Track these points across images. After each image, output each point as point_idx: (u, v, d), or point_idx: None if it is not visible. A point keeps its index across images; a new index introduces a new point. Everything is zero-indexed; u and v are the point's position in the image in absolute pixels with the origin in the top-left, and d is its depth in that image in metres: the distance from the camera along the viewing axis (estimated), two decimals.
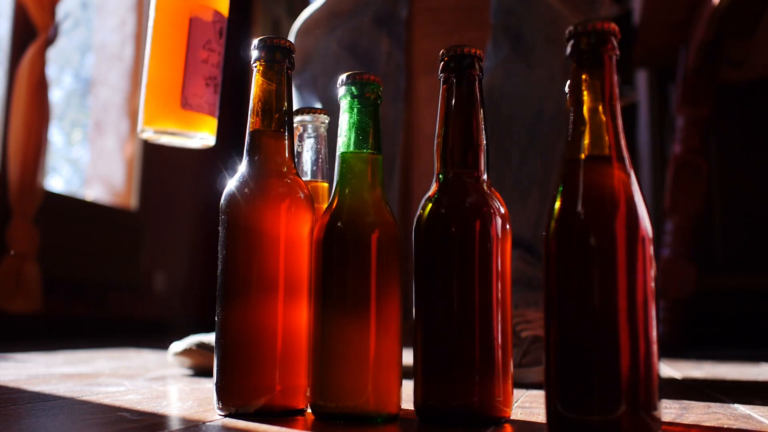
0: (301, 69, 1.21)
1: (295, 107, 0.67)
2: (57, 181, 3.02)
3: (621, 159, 0.48)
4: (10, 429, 0.50)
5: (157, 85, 0.73)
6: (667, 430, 0.54)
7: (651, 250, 0.47)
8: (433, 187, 0.57)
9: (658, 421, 0.46)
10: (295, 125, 0.70)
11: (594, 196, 0.47)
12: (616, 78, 0.49)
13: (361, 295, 0.55)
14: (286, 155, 0.60)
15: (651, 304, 0.46)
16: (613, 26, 0.49)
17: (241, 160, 0.61)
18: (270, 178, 0.59)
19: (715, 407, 0.66)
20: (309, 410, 0.57)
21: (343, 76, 0.60)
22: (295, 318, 0.57)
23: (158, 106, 0.72)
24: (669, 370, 1.15)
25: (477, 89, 0.57)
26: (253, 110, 0.60)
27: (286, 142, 0.61)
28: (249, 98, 0.61)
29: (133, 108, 2.74)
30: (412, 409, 0.56)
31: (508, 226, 0.56)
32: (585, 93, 0.49)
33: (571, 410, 0.45)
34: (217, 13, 0.74)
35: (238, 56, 0.84)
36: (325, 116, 0.70)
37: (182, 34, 0.72)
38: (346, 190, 0.58)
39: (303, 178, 0.66)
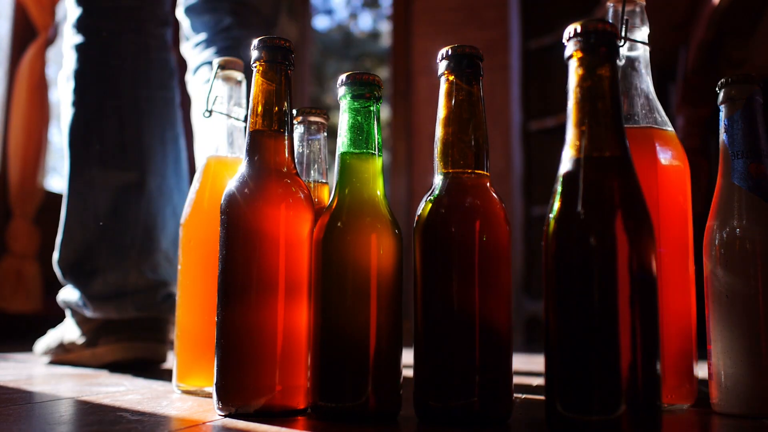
0: None
1: None
2: (57, 181, 3.02)
3: (621, 159, 0.48)
4: (10, 429, 0.50)
5: None
6: (667, 430, 0.54)
7: (651, 250, 0.47)
8: (433, 187, 0.57)
9: (658, 421, 0.46)
10: (295, 125, 0.70)
11: (594, 196, 0.47)
12: (616, 78, 0.49)
13: (360, 295, 0.55)
14: (286, 155, 0.60)
15: (651, 304, 0.46)
16: (613, 27, 0.49)
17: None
18: (270, 178, 0.59)
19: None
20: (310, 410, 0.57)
21: (342, 77, 0.60)
22: (296, 318, 0.57)
23: None
24: None
25: (476, 88, 0.57)
26: (253, 110, 0.60)
27: (286, 142, 0.61)
28: (249, 98, 0.61)
29: None
30: (412, 408, 0.56)
31: (507, 226, 0.56)
32: (585, 93, 0.49)
33: (571, 410, 0.45)
34: None
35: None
36: (326, 116, 0.70)
37: None
38: (346, 190, 0.58)
39: (303, 178, 0.66)
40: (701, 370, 0.65)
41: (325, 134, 0.71)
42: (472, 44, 0.58)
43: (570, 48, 0.50)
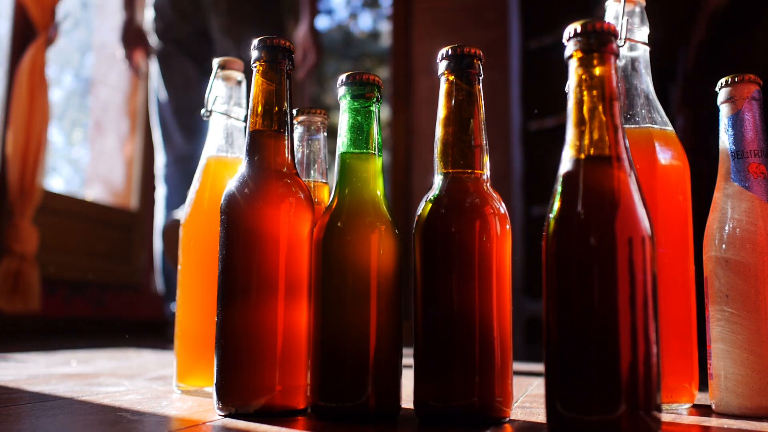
0: None
1: None
2: (57, 181, 3.02)
3: (621, 159, 0.48)
4: (10, 429, 0.50)
5: None
6: (667, 430, 0.54)
7: (651, 249, 0.47)
8: (433, 187, 0.57)
9: (658, 421, 0.46)
10: (295, 125, 0.70)
11: (594, 196, 0.47)
12: (616, 78, 0.49)
13: (360, 295, 0.55)
14: (286, 155, 0.60)
15: (651, 304, 0.46)
16: (613, 27, 0.49)
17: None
18: (270, 178, 0.59)
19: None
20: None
21: (342, 77, 0.60)
22: (295, 318, 0.57)
23: None
24: None
25: (476, 88, 0.57)
26: (253, 110, 0.60)
27: (286, 142, 0.61)
28: (249, 98, 0.61)
29: (132, 108, 2.74)
30: (412, 409, 0.56)
31: (507, 226, 0.56)
32: (585, 93, 0.49)
33: (571, 410, 0.45)
34: None
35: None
36: (325, 116, 0.70)
37: None
38: (346, 190, 0.58)
39: (303, 178, 0.66)
40: (701, 370, 0.65)
41: (325, 134, 0.71)
42: (472, 44, 0.58)
43: (570, 48, 0.50)
